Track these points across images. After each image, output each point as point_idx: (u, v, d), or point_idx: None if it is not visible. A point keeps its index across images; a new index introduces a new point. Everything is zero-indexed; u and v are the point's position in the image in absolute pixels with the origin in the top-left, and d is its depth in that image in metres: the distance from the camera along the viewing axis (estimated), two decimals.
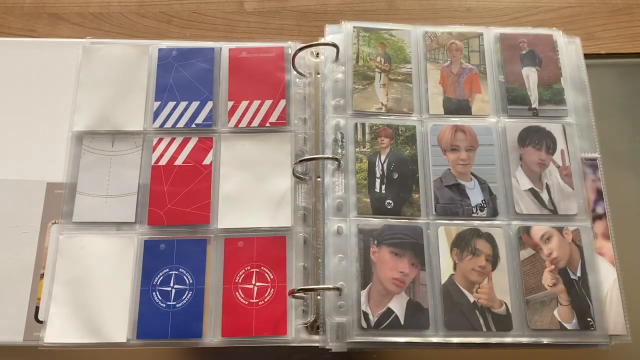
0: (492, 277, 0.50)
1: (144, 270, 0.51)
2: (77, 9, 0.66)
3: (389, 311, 0.48)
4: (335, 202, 0.52)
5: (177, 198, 0.53)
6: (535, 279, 0.50)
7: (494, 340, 0.48)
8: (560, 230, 0.52)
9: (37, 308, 0.50)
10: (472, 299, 0.49)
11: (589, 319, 0.49)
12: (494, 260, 0.50)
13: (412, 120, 0.55)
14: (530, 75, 0.58)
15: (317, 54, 0.59)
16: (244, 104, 0.57)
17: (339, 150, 0.54)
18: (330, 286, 0.48)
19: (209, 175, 0.54)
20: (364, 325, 0.48)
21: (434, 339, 0.48)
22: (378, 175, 0.53)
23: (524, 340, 0.48)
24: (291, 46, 0.59)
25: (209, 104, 0.57)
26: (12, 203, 0.54)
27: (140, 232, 0.52)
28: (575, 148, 0.55)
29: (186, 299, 0.50)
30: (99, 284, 0.50)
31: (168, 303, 0.50)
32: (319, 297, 0.50)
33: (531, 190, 0.53)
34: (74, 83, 0.57)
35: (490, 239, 0.51)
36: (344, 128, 0.55)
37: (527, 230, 0.52)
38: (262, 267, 0.51)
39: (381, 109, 0.56)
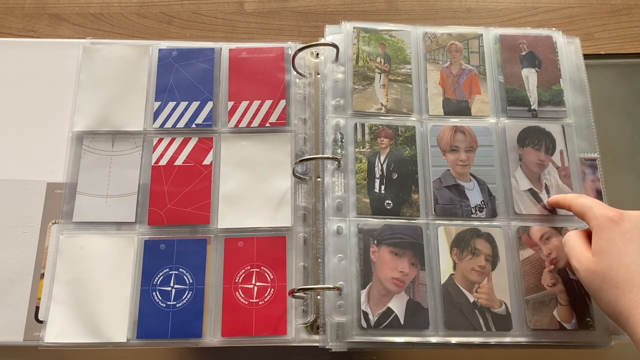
0: (492, 277, 0.50)
1: (144, 270, 0.51)
2: (78, 10, 0.66)
3: (389, 311, 0.48)
4: (335, 202, 0.52)
5: (177, 198, 0.53)
6: (534, 279, 0.50)
7: (493, 340, 0.48)
8: (559, 230, 0.52)
9: (37, 308, 0.50)
10: (471, 299, 0.49)
11: (588, 319, 0.49)
12: (493, 260, 0.50)
13: (411, 120, 0.56)
14: (530, 77, 0.58)
15: (317, 54, 0.59)
16: (244, 104, 0.57)
17: (339, 151, 0.54)
18: (330, 286, 0.49)
19: (209, 175, 0.54)
20: (364, 325, 0.48)
21: (434, 339, 0.48)
22: (377, 175, 0.53)
23: (524, 340, 0.48)
24: (291, 46, 0.59)
25: (209, 104, 0.57)
26: (12, 203, 0.54)
27: (141, 232, 0.53)
28: (574, 148, 0.55)
29: (186, 299, 0.50)
30: (99, 284, 0.50)
31: (168, 303, 0.50)
32: (319, 297, 0.50)
33: (530, 190, 0.53)
34: (74, 83, 0.57)
35: (490, 239, 0.51)
36: (343, 128, 0.55)
37: (526, 230, 0.52)
38: (262, 267, 0.51)
39: (381, 109, 0.56)
